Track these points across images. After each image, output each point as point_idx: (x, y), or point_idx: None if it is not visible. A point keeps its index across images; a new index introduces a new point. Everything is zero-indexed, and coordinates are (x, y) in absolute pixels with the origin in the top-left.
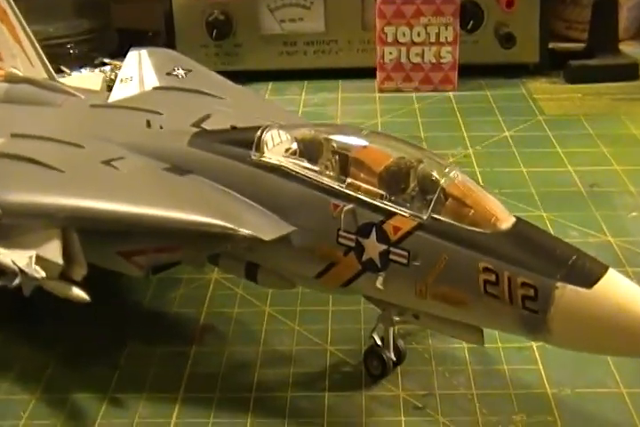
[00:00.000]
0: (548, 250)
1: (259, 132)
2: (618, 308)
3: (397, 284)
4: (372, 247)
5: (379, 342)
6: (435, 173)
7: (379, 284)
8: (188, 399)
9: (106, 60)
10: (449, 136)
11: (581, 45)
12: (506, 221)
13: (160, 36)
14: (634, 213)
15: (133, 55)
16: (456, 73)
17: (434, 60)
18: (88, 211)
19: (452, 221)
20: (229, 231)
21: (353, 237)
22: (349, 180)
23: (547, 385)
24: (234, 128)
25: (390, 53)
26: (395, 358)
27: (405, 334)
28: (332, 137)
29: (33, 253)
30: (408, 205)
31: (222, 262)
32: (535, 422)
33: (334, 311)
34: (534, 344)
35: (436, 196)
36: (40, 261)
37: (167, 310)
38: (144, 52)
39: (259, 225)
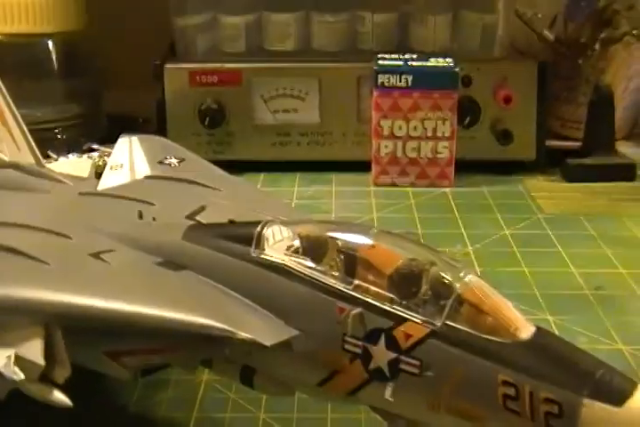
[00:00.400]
0: (572, 363)
1: (259, 228)
2: None
3: (408, 396)
4: (381, 355)
5: None
6: (449, 277)
7: (387, 395)
8: None
9: (94, 146)
10: (447, 233)
11: (577, 144)
12: (526, 330)
13: (151, 122)
14: None
15: (124, 142)
16: (452, 169)
17: (430, 155)
18: (74, 307)
19: (468, 329)
20: (227, 334)
21: (360, 343)
22: (357, 281)
23: None
24: (232, 222)
25: (386, 147)
26: None
27: None
28: (337, 235)
29: (12, 352)
30: (420, 310)
31: (216, 365)
32: None
33: (334, 419)
34: None
35: (450, 301)
36: (19, 361)
37: (155, 414)
38: (135, 138)
39: (259, 328)
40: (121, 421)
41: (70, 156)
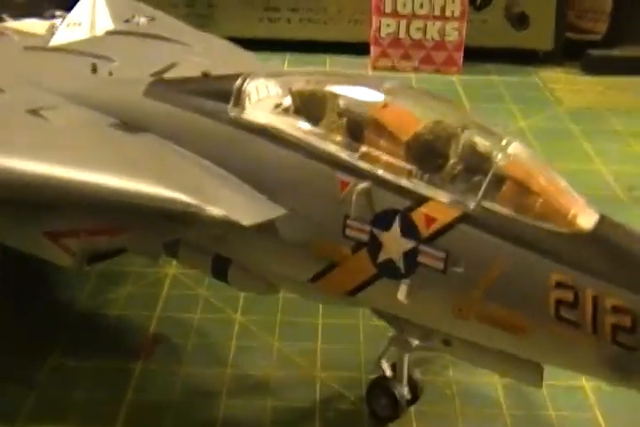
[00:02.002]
0: None
1: (239, 81)
2: None
3: (428, 297)
4: (394, 244)
5: (388, 373)
6: (487, 146)
7: (401, 296)
8: None
9: (57, 13)
10: None
11: (598, 37)
12: (588, 218)
13: None
14: None
15: (86, 1)
16: (461, 54)
17: (437, 38)
18: (1, 172)
19: (512, 214)
20: (194, 210)
21: (367, 228)
22: (364, 148)
23: None
24: (205, 76)
25: (388, 26)
26: (409, 396)
27: (419, 361)
28: (339, 90)
29: None
30: (448, 187)
31: (182, 254)
32: None
33: (325, 325)
34: (586, 383)
35: (488, 177)
36: None
37: (108, 312)
38: None
39: (235, 204)
40: (67, 318)
41: (27, 19)
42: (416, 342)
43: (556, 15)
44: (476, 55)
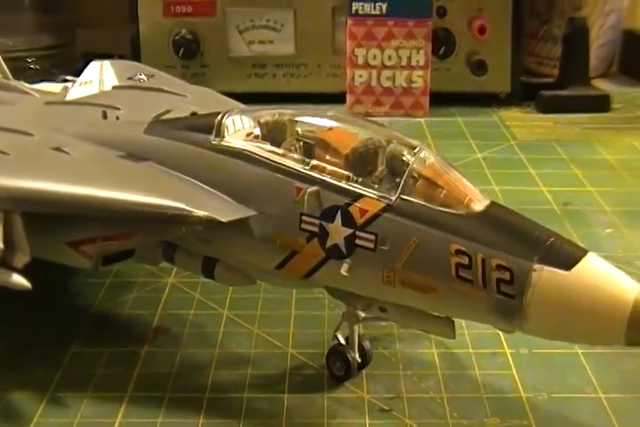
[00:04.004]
0: (524, 232)
1: (219, 117)
2: (598, 291)
3: (364, 271)
4: (337, 232)
5: (342, 342)
6: (404, 154)
7: (343, 270)
8: (136, 399)
9: (68, 78)
10: None
11: (553, 80)
12: (479, 203)
13: (126, 58)
14: (608, 230)
15: (95, 65)
16: (427, 98)
17: (405, 85)
18: (32, 192)
19: (423, 202)
20: (184, 213)
21: (317, 221)
22: (314, 162)
23: (521, 390)
24: (193, 114)
25: (360, 76)
26: (360, 360)
27: (372, 339)
28: (296, 119)
29: None
30: (376, 186)
31: (178, 258)
32: (509, 426)
33: (297, 316)
34: (508, 350)
35: (405, 176)
36: None
37: (119, 311)
38: (107, 62)
39: (216, 208)
40: (85, 317)
41: (43, 83)
42: (362, 315)
43: (512, 62)
44: (442, 99)
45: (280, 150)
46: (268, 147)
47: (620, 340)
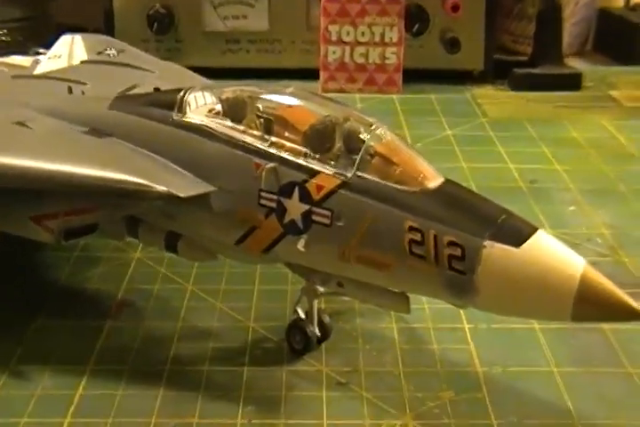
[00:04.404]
0: (476, 209)
1: (181, 93)
2: (546, 267)
3: (320, 246)
4: (294, 208)
5: (302, 316)
6: (361, 131)
7: (300, 246)
8: (98, 372)
9: (41, 50)
10: None
11: (527, 57)
12: (434, 180)
13: (100, 32)
14: (572, 208)
15: (66, 38)
16: (400, 75)
17: (378, 61)
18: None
19: (378, 180)
20: (144, 188)
21: (274, 197)
22: (273, 138)
23: (477, 364)
24: (157, 90)
25: (334, 53)
26: (319, 334)
27: (333, 314)
28: (256, 96)
29: None
30: (333, 163)
31: (142, 233)
32: (463, 399)
33: (260, 291)
34: (467, 325)
35: (361, 153)
36: None
37: (84, 286)
38: (78, 36)
39: (176, 183)
40: (50, 291)
41: (13, 56)
42: (321, 290)
43: (485, 40)
44: (416, 76)
45: (240, 127)
46: (229, 123)
47: (567, 315)
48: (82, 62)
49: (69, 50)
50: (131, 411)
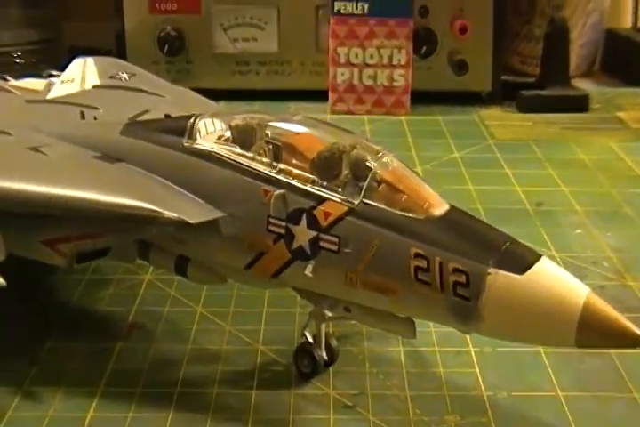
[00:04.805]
0: (480, 236)
1: (192, 120)
2: (550, 294)
3: (327, 272)
4: (302, 234)
5: (310, 340)
6: (368, 159)
7: (308, 271)
8: (109, 394)
9: (54, 72)
10: (399, 155)
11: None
12: (439, 208)
13: (112, 54)
14: (578, 231)
15: (78, 62)
16: (408, 97)
17: (386, 83)
18: (7, 191)
19: (384, 207)
20: (155, 214)
21: (283, 223)
22: (281, 166)
23: (482, 388)
24: (167, 117)
25: (342, 75)
26: (326, 357)
27: (340, 337)
28: (265, 124)
29: None
30: (340, 190)
31: (152, 257)
32: (468, 423)
33: (269, 313)
34: (472, 349)
35: (367, 181)
36: None
37: (95, 308)
38: (90, 59)
39: (186, 209)
40: (62, 313)
41: (27, 79)
42: (329, 315)
43: (493, 61)
44: (424, 98)
45: (249, 153)
46: (238, 150)
47: (571, 341)
48: (94, 87)
49: (82, 73)
50: None
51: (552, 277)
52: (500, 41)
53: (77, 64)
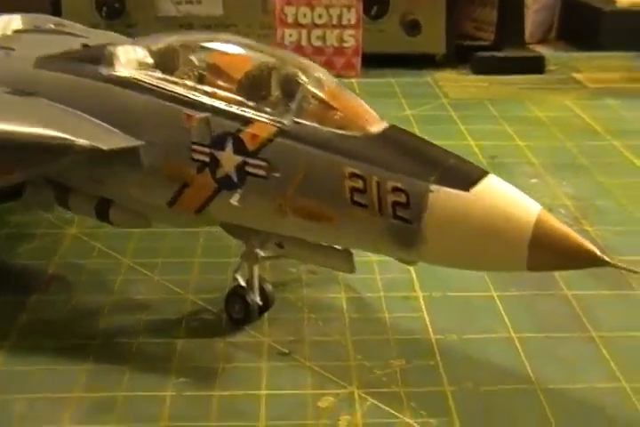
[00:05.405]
0: (422, 153)
1: (110, 47)
2: (498, 212)
3: (255, 200)
4: (228, 160)
5: (242, 284)
6: (299, 75)
7: (234, 201)
8: (19, 347)
9: None
10: None
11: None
12: (377, 125)
13: None
14: (534, 180)
15: (2, 18)
16: (359, 59)
17: (336, 44)
18: None
19: (317, 125)
20: (66, 142)
21: (207, 150)
22: (206, 88)
23: (431, 332)
24: (85, 46)
25: (290, 36)
26: (261, 303)
27: (278, 284)
28: (188, 45)
29: None
30: (269, 110)
31: (72, 202)
32: (415, 367)
33: (201, 263)
34: (421, 293)
35: (298, 98)
36: None
37: (13, 262)
38: (16, 15)
39: (100, 137)
40: None
41: None
42: (262, 254)
43: (447, 23)
44: (376, 61)
45: (171, 77)
46: (158, 74)
47: (523, 264)
48: (14, 31)
49: (5, 24)
50: (50, 386)
51: (500, 194)
52: (453, 2)
53: (1, 20)
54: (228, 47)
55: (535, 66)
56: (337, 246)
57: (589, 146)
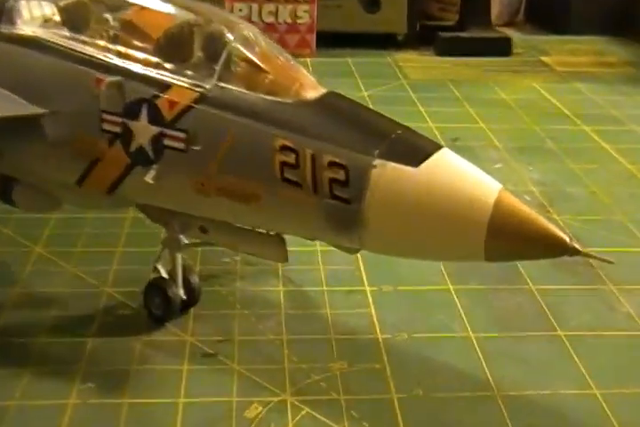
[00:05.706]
0: (365, 123)
1: (11, 1)
2: (452, 191)
3: (173, 177)
4: (143, 131)
5: (164, 275)
6: (224, 33)
7: (149, 178)
8: None
9: None
10: None
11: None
12: (314, 91)
13: None
14: (498, 165)
15: None
16: (314, 36)
17: (289, 21)
18: None
19: (244, 90)
20: None
21: (119, 119)
22: (119, 48)
23: (378, 330)
24: None
25: (240, 11)
26: (185, 297)
27: (208, 276)
28: (101, 0)
29: None
30: (190, 73)
31: None
32: (358, 371)
33: (123, 253)
34: (368, 288)
35: (222, 59)
36: None
37: None
38: None
39: None
40: None
41: None
42: (185, 241)
43: (408, 1)
44: (334, 40)
45: (80, 36)
46: (66, 33)
47: (480, 252)
48: None
49: None
50: None
51: (455, 171)
52: None
53: None
54: (145, 2)
55: (501, 48)
56: (268, 231)
57: (558, 130)
